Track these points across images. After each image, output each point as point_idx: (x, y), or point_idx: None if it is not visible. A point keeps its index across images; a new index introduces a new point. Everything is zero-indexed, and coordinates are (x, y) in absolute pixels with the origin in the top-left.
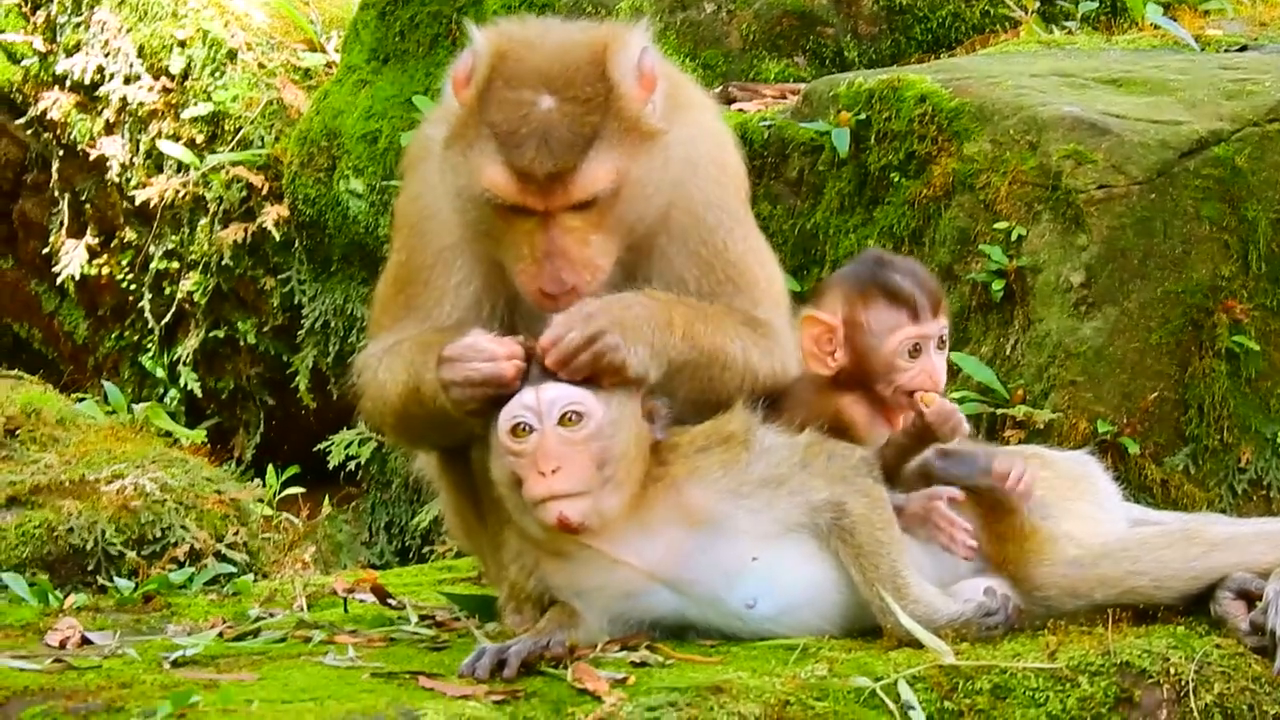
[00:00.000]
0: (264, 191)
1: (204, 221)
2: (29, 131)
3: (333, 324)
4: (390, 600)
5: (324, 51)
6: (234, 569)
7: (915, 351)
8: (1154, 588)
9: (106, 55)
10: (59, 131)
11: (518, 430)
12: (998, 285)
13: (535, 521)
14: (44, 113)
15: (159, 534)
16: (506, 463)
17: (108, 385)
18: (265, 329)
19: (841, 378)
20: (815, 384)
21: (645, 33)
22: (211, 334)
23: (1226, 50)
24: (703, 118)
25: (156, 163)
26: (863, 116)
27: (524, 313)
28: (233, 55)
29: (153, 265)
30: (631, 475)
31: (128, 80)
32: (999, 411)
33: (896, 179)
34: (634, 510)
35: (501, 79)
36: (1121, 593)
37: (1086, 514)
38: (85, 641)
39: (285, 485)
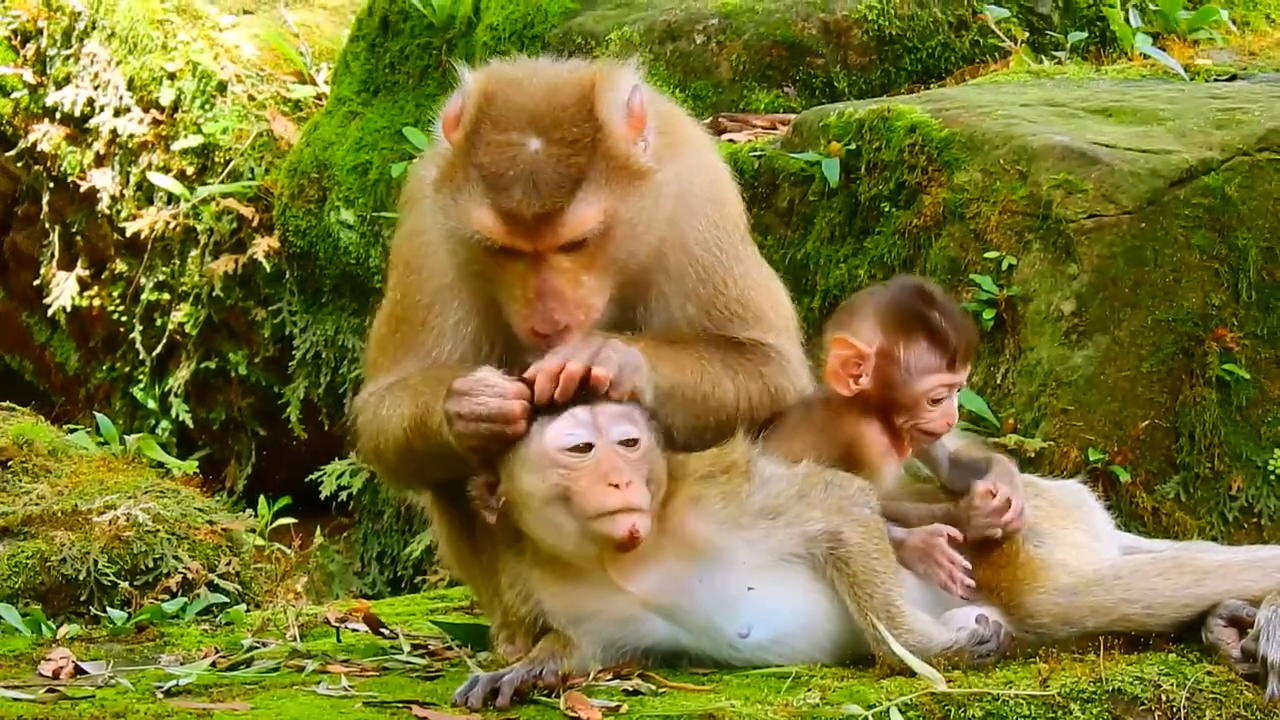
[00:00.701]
0: (254, 223)
1: (195, 253)
2: (19, 164)
3: (324, 355)
4: (383, 630)
5: (314, 83)
6: (226, 599)
7: (940, 399)
8: (1146, 615)
9: (96, 88)
10: (49, 164)
11: (578, 448)
12: (988, 314)
13: (580, 536)
14: (34, 145)
15: (151, 564)
16: (557, 476)
17: (99, 416)
18: (256, 360)
19: (858, 400)
20: (831, 407)
21: (635, 71)
22: (203, 365)
23: (1216, 80)
24: (697, 154)
25: (147, 194)
26: (853, 147)
27: (523, 351)
28: (223, 87)
29: (144, 297)
30: (660, 497)
31: (118, 112)
32: (990, 440)
33: (887, 209)
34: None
35: (489, 120)
36: (1114, 620)
37: (1079, 542)
38: (79, 671)
39: (277, 515)
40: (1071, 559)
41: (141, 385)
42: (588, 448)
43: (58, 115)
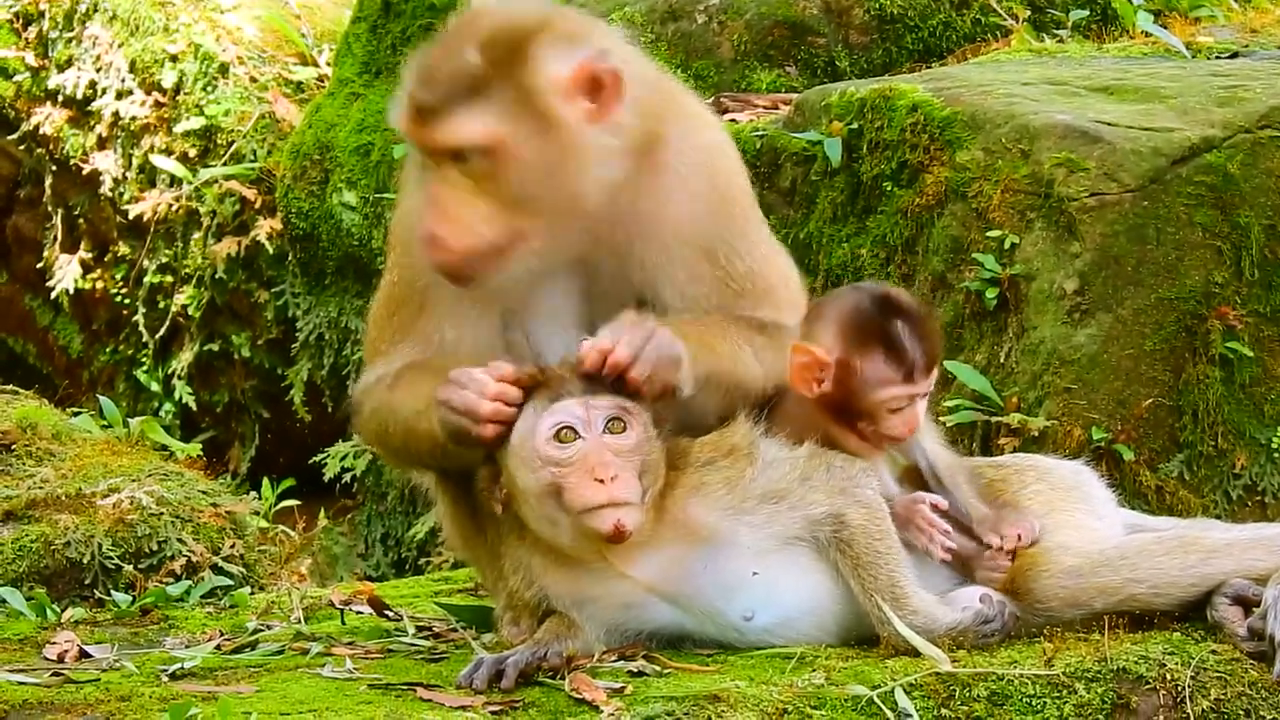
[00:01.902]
0: (257, 205)
1: (197, 235)
2: (21, 147)
3: (327, 337)
4: (388, 612)
5: (316, 65)
6: (230, 582)
7: (899, 408)
8: (1152, 595)
9: (98, 70)
10: (52, 147)
11: (563, 436)
12: (991, 293)
13: (573, 529)
14: (36, 128)
15: (155, 547)
16: (549, 472)
17: (103, 399)
18: (259, 342)
19: (824, 401)
20: (804, 402)
21: (619, 36)
22: (206, 348)
23: (1218, 57)
24: (693, 129)
25: (149, 177)
26: (855, 126)
27: (518, 326)
28: (224, 69)
29: (146, 279)
30: (657, 488)
31: (120, 95)
32: (993, 419)
33: (889, 188)
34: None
35: (441, 32)
36: (1121, 601)
37: (1082, 524)
38: (83, 655)
39: (281, 498)
40: (1075, 541)
41: (145, 368)
42: (576, 440)
43: (60, 98)
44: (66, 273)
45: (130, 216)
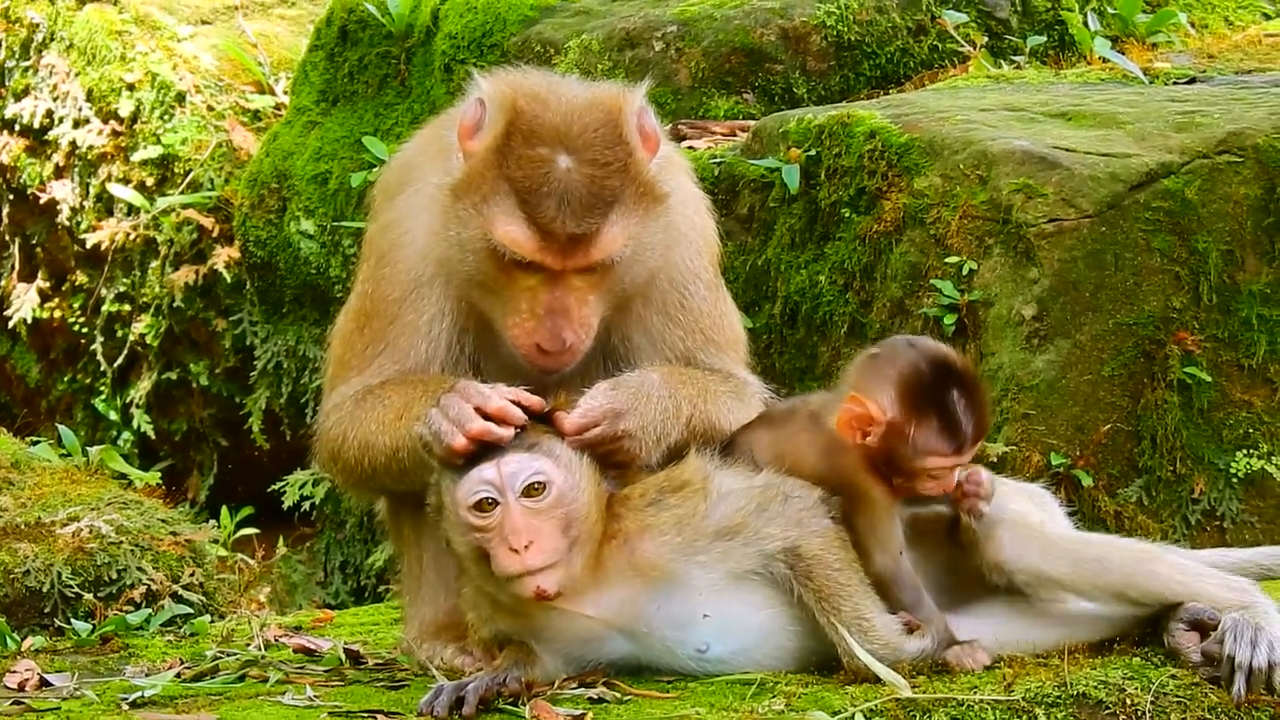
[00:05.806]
0: (215, 233)
1: (155, 264)
2: None
3: (285, 365)
4: (363, 662)
5: (273, 93)
6: (190, 610)
7: (943, 474)
8: (1091, 577)
9: (55, 99)
10: (9, 175)
11: (482, 505)
12: (949, 319)
13: (504, 591)
14: None
15: (115, 576)
16: (472, 539)
17: (61, 428)
18: (217, 371)
19: (862, 452)
20: (839, 440)
21: (641, 94)
22: (164, 376)
23: (1175, 83)
24: (682, 181)
25: (107, 206)
26: (813, 153)
27: (488, 353)
28: (181, 98)
29: (104, 308)
30: (593, 534)
31: (77, 124)
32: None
33: (847, 214)
34: (590, 566)
35: (519, 134)
36: (1067, 566)
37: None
38: (44, 683)
39: (240, 526)
40: (1024, 511)
41: (103, 397)
42: (492, 504)
43: (16, 127)
44: (24, 302)
45: (88, 245)
